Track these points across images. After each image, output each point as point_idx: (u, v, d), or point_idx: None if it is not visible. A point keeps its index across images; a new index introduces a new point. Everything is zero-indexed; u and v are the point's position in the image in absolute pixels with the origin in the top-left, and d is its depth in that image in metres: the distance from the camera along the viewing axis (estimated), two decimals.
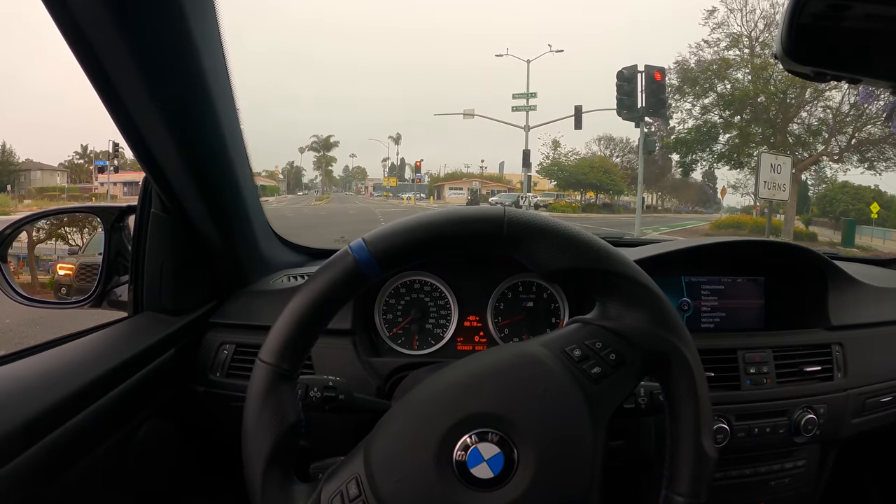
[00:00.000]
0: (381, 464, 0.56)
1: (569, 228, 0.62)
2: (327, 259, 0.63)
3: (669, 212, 39.92)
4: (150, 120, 0.81)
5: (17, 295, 1.08)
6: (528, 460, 0.55)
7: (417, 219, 0.62)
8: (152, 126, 0.82)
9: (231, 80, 0.89)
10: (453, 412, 0.57)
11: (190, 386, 1.06)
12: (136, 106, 0.78)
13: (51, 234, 1.21)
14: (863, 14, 0.54)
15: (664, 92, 13.54)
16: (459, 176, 51.38)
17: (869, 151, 16.04)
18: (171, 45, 0.74)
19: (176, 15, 0.71)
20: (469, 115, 28.56)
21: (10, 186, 32.82)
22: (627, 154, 36.40)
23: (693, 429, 0.61)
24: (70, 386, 0.78)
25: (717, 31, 17.29)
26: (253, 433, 0.59)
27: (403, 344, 1.14)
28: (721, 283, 1.20)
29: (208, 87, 0.82)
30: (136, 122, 0.81)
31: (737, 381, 1.04)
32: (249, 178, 1.05)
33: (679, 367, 0.61)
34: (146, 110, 0.79)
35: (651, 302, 0.62)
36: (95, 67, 0.72)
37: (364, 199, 49.57)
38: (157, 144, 0.85)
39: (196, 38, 0.75)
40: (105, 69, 0.72)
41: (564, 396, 0.58)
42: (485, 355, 0.64)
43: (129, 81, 0.74)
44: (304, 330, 0.61)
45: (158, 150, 0.86)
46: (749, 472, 1.06)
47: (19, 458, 0.68)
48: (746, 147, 17.54)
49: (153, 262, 1.02)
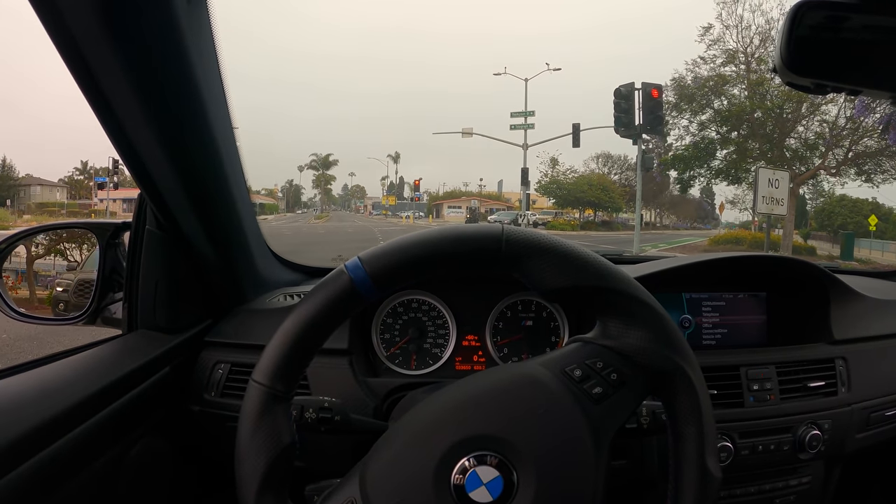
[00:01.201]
0: (378, 487, 0.55)
1: (568, 246, 0.61)
2: (319, 280, 0.61)
3: (668, 228, 40.16)
4: (145, 137, 0.80)
5: (10, 310, 1.07)
6: (528, 483, 0.53)
7: (414, 237, 0.61)
8: (147, 143, 0.82)
9: (227, 99, 0.89)
10: (451, 434, 0.55)
11: (184, 405, 1.04)
12: (131, 123, 0.78)
13: (50, 250, 1.21)
14: (861, 25, 0.54)
15: (661, 109, 13.62)
16: (458, 194, 51.72)
17: (866, 164, 16.08)
18: (168, 64, 0.74)
19: (172, 35, 0.71)
20: (467, 133, 28.73)
21: (9, 201, 32.97)
22: (625, 171, 36.72)
23: (697, 449, 0.59)
24: (63, 402, 0.77)
25: (713, 48, 17.41)
26: (246, 455, 0.58)
27: (401, 364, 1.12)
28: (722, 299, 1.19)
29: (204, 106, 0.82)
30: (131, 138, 0.81)
31: (740, 399, 1.02)
32: (245, 196, 1.05)
33: (682, 386, 0.60)
34: (141, 127, 0.79)
35: (653, 320, 0.61)
36: (91, 85, 0.72)
37: (363, 217, 49.76)
38: (152, 161, 0.85)
39: (192, 57, 0.75)
40: (100, 87, 0.72)
41: (565, 417, 0.57)
42: (483, 376, 0.62)
43: (125, 99, 0.74)
44: (298, 350, 0.60)
45: (153, 166, 0.86)
46: (754, 490, 1.04)
47: (10, 474, 0.67)
48: (744, 162, 17.61)
49: (148, 279, 1.01)
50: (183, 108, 0.80)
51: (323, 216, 49.72)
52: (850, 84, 0.58)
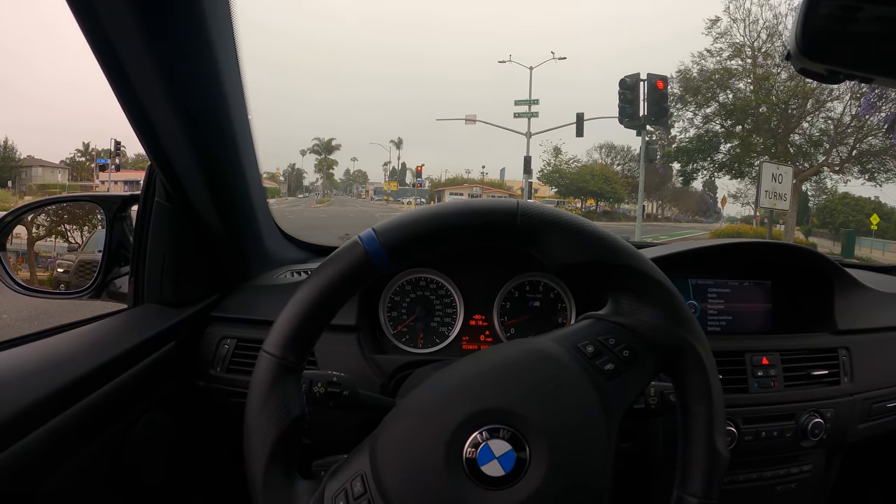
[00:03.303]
0: (388, 461, 0.54)
1: (583, 222, 0.61)
2: None
3: (669, 220, 40.07)
4: (160, 108, 0.80)
5: (15, 284, 1.07)
6: (541, 458, 0.53)
7: (429, 209, 0.60)
8: (163, 115, 0.81)
9: (242, 74, 0.89)
10: (464, 408, 0.55)
11: (190, 380, 1.04)
12: (147, 95, 0.78)
13: (50, 231, 1.20)
14: (874, 16, 0.54)
15: (666, 101, 13.57)
16: (460, 181, 51.57)
17: (870, 163, 16.04)
18: (187, 36, 0.74)
19: (193, 12, 0.71)
20: (471, 120, 28.60)
21: (10, 183, 32.88)
22: (628, 162, 36.63)
23: (706, 428, 0.59)
24: (68, 375, 0.77)
25: (720, 41, 17.27)
26: (256, 427, 0.57)
27: (408, 342, 1.12)
28: (728, 286, 1.19)
29: (221, 78, 0.82)
30: (147, 110, 0.80)
31: (744, 385, 1.03)
32: (256, 171, 1.04)
33: (693, 365, 0.60)
34: (158, 99, 0.78)
35: (665, 298, 0.60)
36: (110, 59, 0.72)
37: (364, 202, 49.61)
38: (166, 133, 0.85)
39: (211, 28, 0.75)
40: (120, 60, 0.72)
41: (578, 393, 0.56)
42: (495, 350, 0.62)
43: (143, 72, 0.74)
44: (310, 322, 0.59)
45: (167, 138, 0.86)
46: (756, 477, 1.05)
47: (15, 445, 0.67)
48: (747, 157, 17.54)
49: (155, 252, 1.01)
50: (200, 81, 0.80)
51: (324, 200, 49.56)
52: (863, 72, 0.58)
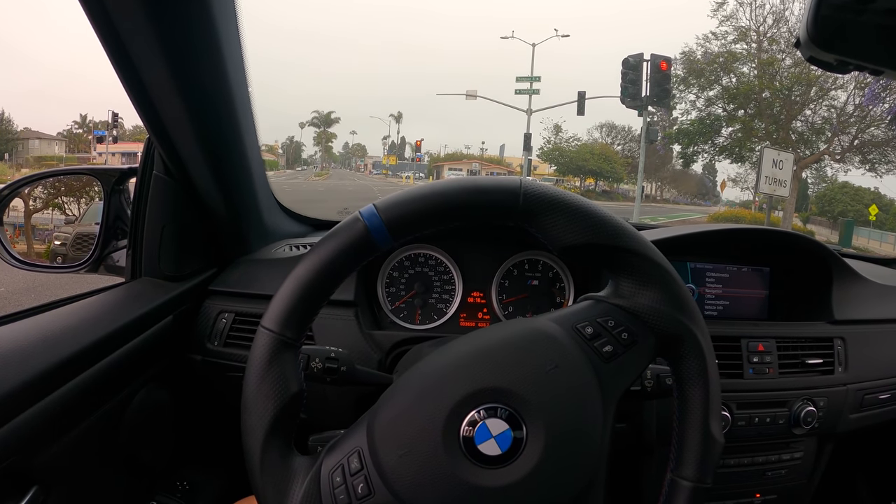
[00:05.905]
0: (385, 437, 0.54)
1: (585, 203, 0.60)
2: (330, 230, 0.60)
3: (668, 202, 40.02)
4: (159, 81, 0.79)
5: (11, 258, 1.06)
6: (537, 438, 0.53)
7: (431, 186, 0.60)
8: (161, 88, 0.80)
9: (242, 45, 0.88)
10: (462, 386, 0.55)
11: (187, 354, 1.04)
12: (146, 65, 0.77)
13: (47, 203, 1.19)
14: (887, 8, 0.53)
15: (669, 82, 13.47)
16: (460, 157, 51.39)
17: (871, 153, 16.03)
18: (187, 8, 0.72)
19: None
20: (472, 95, 28.41)
21: (7, 155, 32.63)
22: (629, 142, 36.47)
23: (702, 412, 0.60)
24: (66, 350, 0.77)
25: (726, 24, 17.17)
26: (253, 402, 0.57)
27: (406, 318, 1.12)
28: (726, 271, 1.19)
29: (220, 48, 0.80)
30: (145, 82, 0.79)
31: (739, 370, 1.03)
32: (255, 144, 1.03)
33: (691, 349, 0.60)
34: (157, 69, 0.77)
35: (666, 282, 0.60)
36: (107, 30, 0.70)
37: (363, 176, 49.46)
38: (166, 105, 0.83)
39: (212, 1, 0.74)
40: (118, 31, 0.71)
41: (576, 373, 0.56)
42: (494, 329, 0.62)
43: (142, 43, 0.73)
44: (309, 297, 0.59)
45: (166, 111, 0.84)
46: (747, 462, 1.06)
47: (14, 420, 0.67)
48: (749, 142, 17.49)
49: (153, 225, 1.00)
50: (200, 51, 0.79)
51: (323, 174, 49.35)
52: (873, 64, 0.57)
